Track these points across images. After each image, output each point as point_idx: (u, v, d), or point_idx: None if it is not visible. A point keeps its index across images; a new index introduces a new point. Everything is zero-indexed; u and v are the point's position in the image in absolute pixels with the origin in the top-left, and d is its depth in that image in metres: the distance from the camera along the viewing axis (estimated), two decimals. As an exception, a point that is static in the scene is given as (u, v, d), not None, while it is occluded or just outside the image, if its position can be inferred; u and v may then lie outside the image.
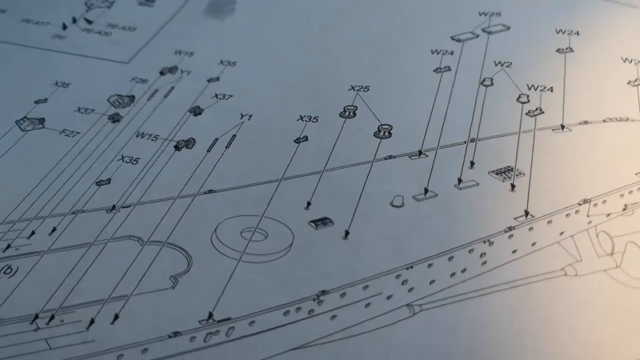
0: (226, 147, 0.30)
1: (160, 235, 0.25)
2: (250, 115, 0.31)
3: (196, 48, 0.36)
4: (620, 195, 0.26)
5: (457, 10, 0.36)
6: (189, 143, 0.30)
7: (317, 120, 0.31)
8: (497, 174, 0.27)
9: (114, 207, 0.27)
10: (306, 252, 0.25)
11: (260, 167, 0.29)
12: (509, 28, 0.35)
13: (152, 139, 0.30)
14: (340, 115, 0.31)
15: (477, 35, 0.34)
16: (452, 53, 0.33)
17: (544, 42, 0.33)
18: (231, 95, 0.33)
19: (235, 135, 0.30)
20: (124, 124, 0.31)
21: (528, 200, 0.26)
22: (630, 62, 0.32)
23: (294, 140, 0.30)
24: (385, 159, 0.28)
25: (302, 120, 0.31)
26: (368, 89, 0.32)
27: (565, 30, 0.34)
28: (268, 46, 0.36)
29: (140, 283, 0.24)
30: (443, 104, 0.31)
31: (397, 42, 0.35)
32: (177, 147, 0.30)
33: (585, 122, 0.29)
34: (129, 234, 0.25)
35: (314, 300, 0.23)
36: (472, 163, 0.28)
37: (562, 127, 0.29)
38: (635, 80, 0.31)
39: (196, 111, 0.32)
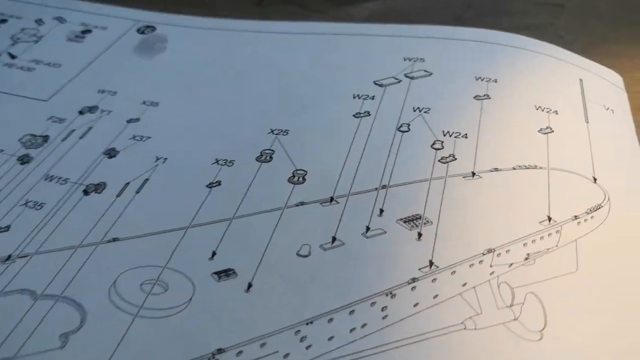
0: (137, 192, 0.29)
1: (55, 288, 0.25)
2: (166, 158, 0.31)
3: (120, 87, 0.36)
4: (524, 244, 0.26)
5: (384, 55, 0.37)
6: (99, 187, 0.29)
7: (232, 164, 0.30)
8: (405, 222, 0.27)
9: (9, 257, 0.26)
10: (206, 306, 0.24)
11: (169, 213, 0.28)
12: (430, 74, 0.35)
13: (61, 183, 0.30)
14: (256, 160, 0.30)
15: (400, 81, 0.35)
16: (373, 98, 0.34)
17: (463, 88, 0.34)
18: (149, 137, 0.32)
19: (147, 179, 0.30)
20: (33, 166, 0.30)
21: (433, 250, 0.26)
22: (543, 110, 0.32)
23: (207, 185, 0.29)
24: (296, 205, 0.28)
25: (218, 164, 0.30)
26: (287, 133, 0.32)
27: (484, 78, 0.34)
28: (193, 87, 0.36)
29: (26, 343, 0.23)
30: (359, 149, 0.31)
31: (321, 86, 0.35)
32: (85, 192, 0.29)
33: (496, 169, 0.29)
34: (22, 287, 0.25)
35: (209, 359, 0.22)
36: (382, 210, 0.27)
37: (473, 174, 0.29)
38: (546, 128, 0.31)
39: (111, 153, 0.31)
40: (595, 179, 0.29)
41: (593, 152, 0.30)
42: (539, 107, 0.32)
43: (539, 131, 0.31)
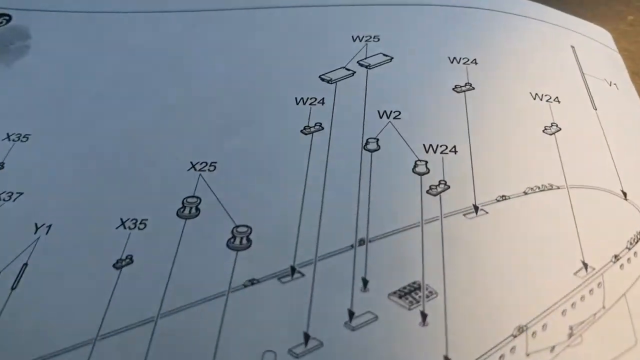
0: (12, 288, 0.20)
1: None
2: (50, 226, 0.22)
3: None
4: (562, 313, 0.19)
5: (326, 35, 0.28)
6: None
7: (145, 225, 0.22)
8: (400, 296, 0.20)
9: None
10: None
11: (64, 320, 0.19)
12: (391, 59, 0.27)
13: None
14: (177, 215, 0.22)
15: (353, 72, 0.26)
16: (323, 101, 0.25)
17: (437, 76, 0.26)
18: (20, 194, 0.23)
19: (26, 265, 0.21)
20: None
21: (447, 338, 0.19)
22: (542, 99, 0.25)
23: (114, 266, 0.21)
24: (244, 286, 0.20)
25: (124, 227, 0.22)
26: (215, 167, 0.23)
27: (460, 59, 0.27)
28: (78, 105, 0.26)
29: None
30: (318, 183, 0.23)
31: (250, 90, 0.26)
32: None
33: (503, 197, 0.22)
34: None
35: None
36: (365, 282, 0.20)
37: (476, 208, 0.22)
38: (551, 125, 0.24)
39: (-35, 227, 0.22)
40: (625, 194, 0.22)
41: (613, 153, 0.24)
42: (536, 94, 0.25)
43: (543, 131, 0.24)
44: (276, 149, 0.24)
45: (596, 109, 0.25)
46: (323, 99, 0.25)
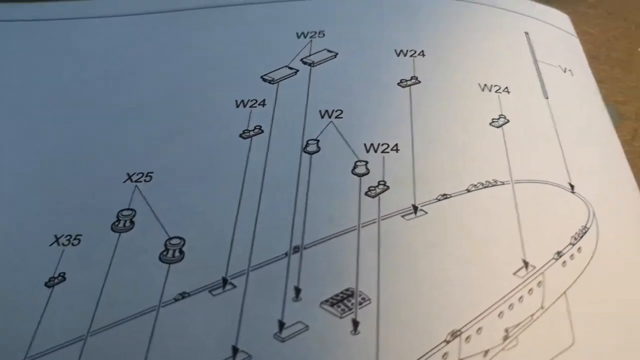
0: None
1: None
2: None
3: None
4: (499, 315, 0.19)
5: (269, 32, 0.27)
6: None
7: (79, 241, 0.21)
8: (332, 305, 0.19)
9: None
10: None
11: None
12: (335, 55, 0.26)
13: None
14: (112, 229, 0.21)
15: (296, 71, 0.26)
16: (264, 103, 0.25)
17: (383, 70, 0.25)
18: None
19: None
20: None
21: (378, 347, 0.18)
22: (491, 89, 0.24)
23: (46, 284, 0.20)
24: (175, 300, 0.20)
25: (58, 244, 0.21)
26: (151, 178, 0.23)
27: (407, 51, 0.26)
28: (20, 114, 0.26)
29: None
30: (254, 190, 0.22)
31: (187, 95, 0.25)
32: None
33: (444, 196, 0.21)
34: None
35: None
36: (298, 290, 0.19)
37: (415, 208, 0.21)
38: (499, 117, 0.23)
39: None
40: (572, 187, 0.22)
41: (563, 144, 0.23)
42: (485, 85, 0.24)
43: (490, 124, 0.23)
44: (214, 155, 0.23)
45: (548, 98, 0.24)
46: (264, 100, 0.25)
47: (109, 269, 0.20)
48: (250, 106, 0.24)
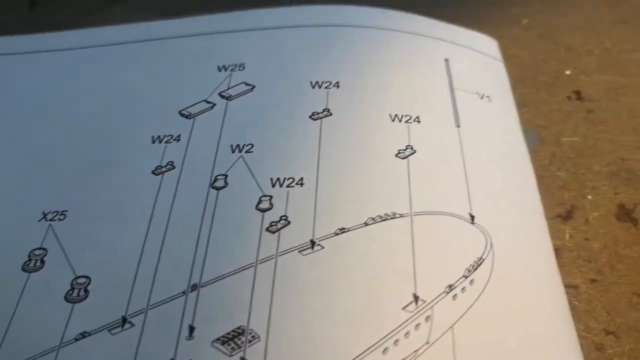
0: None
1: None
2: None
3: None
4: (384, 351, 0.19)
5: (190, 66, 0.28)
6: None
7: (-12, 282, 0.22)
8: (223, 343, 0.19)
9: None
10: None
11: None
12: (252, 88, 0.26)
13: None
14: (22, 269, 0.22)
15: (213, 105, 0.26)
16: (178, 139, 0.25)
17: (296, 105, 0.26)
18: None
19: None
20: None
21: (263, 386, 0.18)
22: (401, 119, 0.25)
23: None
24: (75, 340, 0.20)
25: (-33, 285, 0.22)
26: (65, 216, 0.23)
27: (322, 83, 0.26)
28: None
29: None
30: (160, 227, 0.22)
31: (104, 130, 0.26)
32: None
33: (342, 230, 0.21)
34: None
35: None
36: (192, 329, 0.20)
37: (313, 243, 0.21)
38: (406, 148, 0.24)
39: None
40: (472, 217, 0.22)
41: (468, 173, 0.23)
42: (396, 116, 0.25)
43: (396, 155, 0.24)
44: (127, 193, 0.24)
45: (459, 127, 0.25)
46: (179, 135, 0.25)
47: (16, 309, 0.21)
48: (166, 142, 0.25)
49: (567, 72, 0.30)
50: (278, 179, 0.23)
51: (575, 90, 0.29)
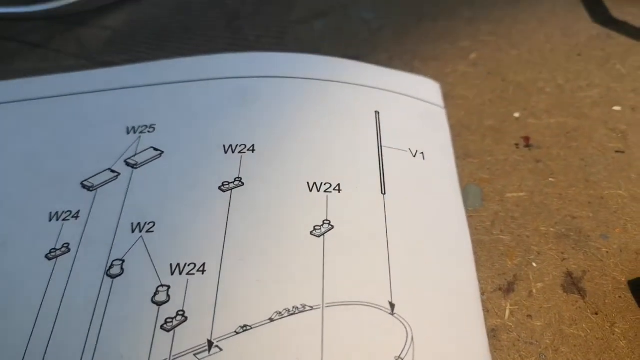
0: None
1: None
2: None
3: None
4: None
5: (97, 128, 0.25)
6: None
7: None
8: None
9: None
10: None
11: None
12: (161, 154, 0.24)
13: None
14: None
15: (117, 175, 0.24)
16: (77, 215, 0.23)
17: (206, 173, 0.23)
18: None
19: None
20: None
21: None
22: (320, 189, 0.22)
23: None
24: None
25: None
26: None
27: (237, 146, 0.24)
28: None
29: None
30: (49, 319, 0.20)
31: (4, 208, 0.23)
32: None
33: (245, 328, 0.19)
34: None
35: None
36: None
37: (210, 344, 0.19)
38: (322, 224, 0.21)
39: None
40: (393, 307, 0.19)
41: (391, 253, 0.21)
42: (315, 184, 0.22)
43: (312, 232, 0.21)
44: (15, 281, 0.21)
45: (385, 194, 0.22)
46: (78, 211, 0.23)
47: None
48: (64, 219, 0.23)
49: (516, 115, 0.28)
50: (178, 264, 0.21)
51: (523, 136, 0.27)
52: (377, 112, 0.25)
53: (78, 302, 0.20)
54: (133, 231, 0.22)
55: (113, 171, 0.24)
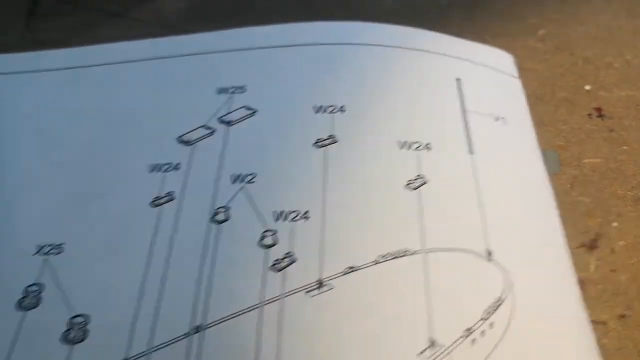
0: None
1: None
2: None
3: None
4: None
5: (189, 89, 0.26)
6: None
7: (-20, 321, 0.21)
8: (227, 393, 0.18)
9: None
10: None
11: None
12: (254, 112, 0.25)
13: None
14: (18, 306, 0.21)
15: (213, 130, 0.25)
16: (177, 167, 0.24)
17: (299, 131, 0.24)
18: None
19: None
20: None
21: None
22: (410, 147, 0.23)
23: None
24: (72, 385, 0.19)
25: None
26: (61, 250, 0.22)
27: (327, 107, 0.25)
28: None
29: None
30: (159, 263, 0.21)
31: (104, 161, 0.24)
32: None
33: (351, 269, 0.20)
34: None
35: None
36: (195, 376, 0.18)
37: (320, 283, 0.20)
38: (416, 178, 0.22)
39: None
40: (490, 254, 0.20)
41: (484, 205, 0.22)
42: (405, 143, 0.23)
43: (406, 185, 0.22)
44: (123, 225, 0.22)
45: (473, 154, 0.23)
46: (178, 164, 0.24)
47: (12, 350, 0.20)
48: (164, 170, 0.24)
49: (587, 87, 0.29)
50: (282, 212, 0.22)
51: (595, 107, 0.28)
52: (458, 79, 0.26)
53: (187, 246, 0.21)
54: (234, 182, 0.23)
55: (208, 127, 0.25)
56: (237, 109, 0.25)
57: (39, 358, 0.19)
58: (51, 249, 0.22)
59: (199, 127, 0.25)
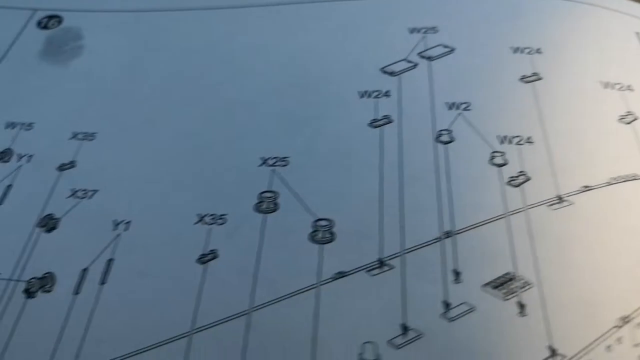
0: (101, 283, 0.20)
1: None
2: (128, 222, 0.22)
3: (36, 115, 0.25)
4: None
5: (381, 28, 0.28)
6: (46, 282, 0.20)
7: (224, 220, 0.21)
8: (495, 287, 0.19)
9: None
10: None
11: (157, 317, 0.19)
12: (452, 50, 0.27)
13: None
14: (255, 210, 0.22)
15: (415, 64, 0.26)
16: (388, 94, 0.25)
17: (502, 67, 0.26)
18: (96, 190, 0.23)
19: (112, 260, 0.21)
20: None
21: (548, 328, 0.18)
22: (614, 87, 0.25)
23: (197, 260, 0.20)
24: (333, 279, 0.20)
25: (203, 222, 0.21)
26: (287, 162, 0.23)
27: (524, 48, 0.26)
28: (138, 104, 0.26)
29: None
30: (393, 177, 0.22)
31: (313, 85, 0.26)
32: (28, 292, 0.20)
33: (587, 188, 0.22)
34: None
35: None
36: (457, 273, 0.20)
37: (560, 198, 0.21)
38: (627, 114, 0.24)
39: (48, 224, 0.22)
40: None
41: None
42: (607, 83, 0.25)
43: (619, 120, 0.24)
44: (345, 143, 0.23)
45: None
46: (388, 91, 0.25)
47: (260, 248, 0.21)
48: (375, 97, 0.25)
49: None
50: (505, 136, 0.23)
51: None
52: (637, 33, 0.28)
53: (417, 163, 0.23)
54: (450, 109, 0.24)
55: (409, 61, 0.26)
56: (434, 47, 0.27)
57: (290, 253, 0.20)
58: (276, 162, 0.23)
59: (401, 61, 0.26)
